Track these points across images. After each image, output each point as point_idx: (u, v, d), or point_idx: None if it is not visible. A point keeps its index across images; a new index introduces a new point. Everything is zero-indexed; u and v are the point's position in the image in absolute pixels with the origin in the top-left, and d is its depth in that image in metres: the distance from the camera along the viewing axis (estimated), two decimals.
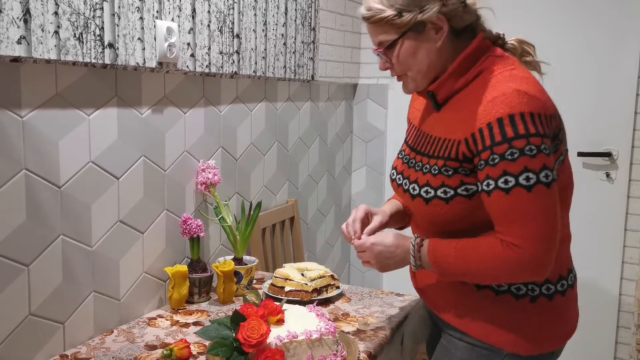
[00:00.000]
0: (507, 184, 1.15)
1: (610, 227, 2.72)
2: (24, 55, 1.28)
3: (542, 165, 1.14)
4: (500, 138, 1.15)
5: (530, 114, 1.15)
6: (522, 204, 1.15)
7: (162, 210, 1.78)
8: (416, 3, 1.23)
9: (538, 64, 1.34)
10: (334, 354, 1.36)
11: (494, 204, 1.18)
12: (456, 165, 1.23)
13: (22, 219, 1.34)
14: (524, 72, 1.24)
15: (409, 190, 1.32)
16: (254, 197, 2.28)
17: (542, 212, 1.16)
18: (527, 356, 1.29)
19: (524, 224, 1.16)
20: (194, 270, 1.81)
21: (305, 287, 1.79)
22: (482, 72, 1.25)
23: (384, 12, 1.24)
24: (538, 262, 1.18)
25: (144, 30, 1.61)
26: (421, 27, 1.24)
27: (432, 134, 1.32)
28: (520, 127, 1.14)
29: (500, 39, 1.34)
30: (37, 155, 1.37)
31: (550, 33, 2.75)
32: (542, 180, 1.14)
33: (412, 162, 1.35)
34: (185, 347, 1.41)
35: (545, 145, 1.15)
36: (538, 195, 1.14)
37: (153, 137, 1.72)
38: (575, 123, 2.73)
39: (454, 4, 1.24)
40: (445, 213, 1.26)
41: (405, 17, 1.23)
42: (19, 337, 1.36)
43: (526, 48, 1.35)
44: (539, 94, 1.19)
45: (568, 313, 1.32)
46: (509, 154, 1.15)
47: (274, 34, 2.26)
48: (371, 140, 3.21)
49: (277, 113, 2.42)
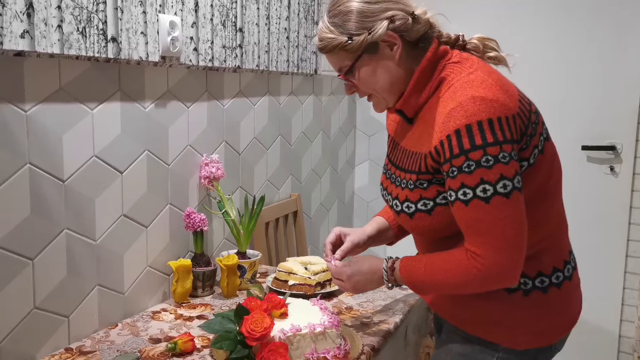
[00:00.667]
0: (465, 196, 1.15)
1: (614, 221, 2.71)
2: (27, 49, 1.28)
3: (499, 175, 1.13)
4: (457, 150, 1.15)
5: (488, 120, 1.13)
6: (481, 215, 1.15)
7: (166, 205, 1.79)
8: (363, 25, 1.23)
9: (503, 58, 1.32)
10: (338, 347, 1.36)
11: (457, 214, 1.19)
12: (429, 177, 1.24)
13: (27, 213, 1.35)
14: (482, 75, 1.20)
15: (393, 206, 1.33)
16: (257, 191, 2.28)
17: (500, 223, 1.15)
18: (524, 350, 1.29)
19: (485, 234, 1.17)
20: (198, 264, 1.81)
21: (308, 280, 1.79)
22: (444, 81, 1.24)
23: (335, 40, 1.25)
24: (501, 271, 1.18)
25: (147, 24, 1.61)
26: (374, 47, 1.24)
27: (406, 147, 1.33)
28: (477, 138, 1.13)
29: (459, 40, 1.32)
30: (41, 149, 1.37)
31: (554, 27, 2.74)
32: (499, 192, 1.13)
33: (393, 177, 1.36)
34: (189, 340, 1.42)
35: (505, 152, 1.14)
36: (496, 206, 1.14)
37: (156, 132, 1.72)
38: (580, 117, 2.73)
39: (402, 18, 1.23)
40: (430, 224, 1.26)
41: (356, 40, 1.23)
42: (24, 331, 1.36)
43: (488, 44, 1.32)
44: (498, 95, 1.16)
45: (566, 305, 1.31)
46: (465, 167, 1.14)
47: (277, 28, 2.26)
48: (374, 135, 3.21)
49: (280, 107, 2.42)
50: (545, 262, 1.27)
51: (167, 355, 1.40)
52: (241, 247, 1.92)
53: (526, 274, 1.25)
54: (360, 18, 1.23)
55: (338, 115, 2.99)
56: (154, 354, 1.41)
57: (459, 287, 1.25)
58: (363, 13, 1.23)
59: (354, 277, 1.41)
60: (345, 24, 1.24)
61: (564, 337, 1.34)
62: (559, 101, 2.75)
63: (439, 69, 1.26)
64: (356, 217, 3.29)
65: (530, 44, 2.76)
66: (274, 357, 1.25)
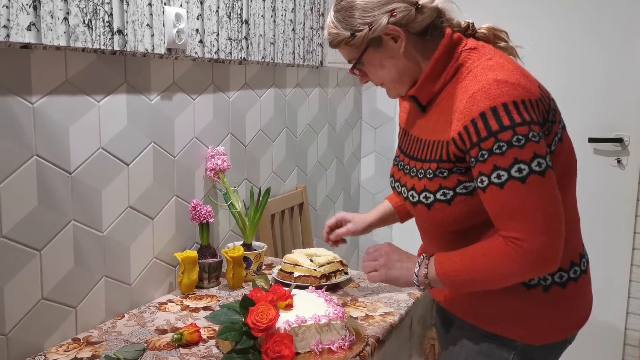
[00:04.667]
0: (500, 179, 1.13)
1: (621, 213, 2.70)
2: (33, 41, 1.28)
3: (533, 154, 1.11)
4: (485, 133, 1.13)
5: (513, 102, 1.12)
6: (519, 197, 1.13)
7: (172, 196, 1.79)
8: (364, 21, 1.23)
9: (513, 49, 1.31)
10: (342, 338, 1.37)
11: (491, 200, 1.16)
12: (450, 166, 1.21)
13: (34, 205, 1.36)
14: (501, 60, 1.20)
15: (409, 198, 1.31)
16: (263, 183, 2.28)
17: (540, 203, 1.13)
18: (541, 345, 1.28)
19: (524, 217, 1.13)
20: (204, 255, 1.82)
21: (314, 272, 1.80)
22: (459, 69, 1.24)
23: (339, 35, 1.27)
24: (545, 255, 1.15)
25: (152, 16, 1.61)
26: (378, 41, 1.25)
27: (421, 137, 1.31)
28: (504, 119, 1.11)
29: (470, 28, 1.31)
30: (47, 141, 1.38)
31: (560, 19, 2.72)
32: (535, 170, 1.11)
33: (407, 168, 1.34)
34: (195, 331, 1.43)
35: (534, 132, 1.12)
36: (533, 185, 1.12)
37: (162, 124, 1.73)
38: (586, 109, 2.72)
39: (404, 11, 1.22)
40: (449, 215, 1.23)
41: (358, 36, 1.24)
42: (32, 321, 1.38)
43: (498, 34, 1.31)
44: (520, 79, 1.16)
45: (581, 300, 1.30)
46: (496, 148, 1.12)
47: (283, 20, 2.26)
48: (380, 127, 3.20)
49: (286, 99, 2.41)
50: (564, 258, 1.23)
51: (173, 345, 1.41)
52: (247, 239, 1.93)
53: None
54: (362, 13, 1.24)
55: (344, 107, 2.99)
56: (160, 345, 1.42)
57: (502, 278, 1.20)
58: (364, 8, 1.23)
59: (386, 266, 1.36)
60: (348, 20, 1.25)
61: (576, 332, 1.33)
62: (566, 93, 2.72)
63: (455, 57, 1.25)
64: (362, 209, 3.29)
65: (536, 35, 2.74)
66: (279, 348, 1.26)
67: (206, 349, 1.41)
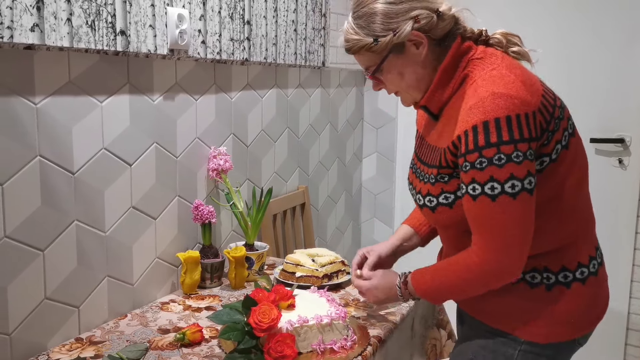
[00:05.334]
0: (474, 191, 1.17)
1: (622, 214, 2.70)
2: (37, 42, 1.29)
3: (509, 175, 1.13)
4: (472, 146, 1.15)
5: (506, 117, 1.13)
6: (486, 213, 1.17)
7: (174, 197, 1.80)
8: (388, 27, 1.23)
9: (526, 53, 1.32)
10: (344, 338, 1.37)
11: (466, 208, 1.21)
12: (449, 172, 1.25)
13: (37, 205, 1.36)
14: (504, 70, 1.20)
15: (417, 200, 1.35)
16: (264, 183, 2.29)
17: (505, 223, 1.16)
18: (546, 344, 1.28)
19: (486, 231, 1.19)
20: (206, 255, 1.83)
21: (316, 272, 1.80)
22: (465, 79, 1.25)
23: (360, 41, 1.26)
24: (498, 269, 1.21)
25: (155, 17, 1.61)
26: (400, 47, 1.25)
27: (430, 142, 1.35)
28: (492, 135, 1.13)
29: (481, 34, 1.32)
30: (51, 141, 1.38)
31: (563, 20, 2.72)
32: (506, 191, 1.14)
33: (419, 172, 1.37)
34: (198, 331, 1.43)
35: (519, 152, 1.13)
36: (501, 205, 1.15)
37: (165, 124, 1.73)
38: (588, 109, 2.72)
39: (427, 17, 1.23)
40: (451, 217, 1.27)
41: (382, 42, 1.24)
42: (35, 321, 1.38)
43: (511, 39, 1.32)
44: (519, 91, 1.16)
45: (590, 301, 1.30)
46: (477, 163, 1.15)
47: (285, 21, 2.26)
48: (382, 127, 3.20)
49: (288, 100, 2.42)
50: (570, 257, 1.27)
51: (175, 345, 1.42)
52: (249, 239, 1.93)
53: (549, 268, 1.26)
54: (385, 19, 1.23)
55: (345, 108, 2.99)
56: (163, 344, 1.43)
57: (463, 287, 1.28)
58: (387, 14, 1.23)
59: (371, 291, 1.46)
60: (370, 26, 1.25)
61: (588, 332, 1.33)
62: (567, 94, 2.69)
63: (462, 66, 1.26)
64: (363, 209, 3.30)
65: (538, 36, 2.74)
66: (281, 347, 1.27)
67: (209, 348, 1.41)
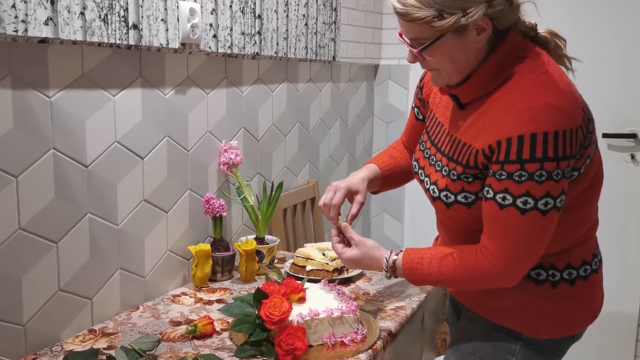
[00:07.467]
0: (504, 201, 1.14)
1: (635, 208, 2.69)
2: (51, 36, 1.30)
3: (546, 192, 1.11)
4: (514, 157, 1.11)
5: (555, 133, 1.09)
6: (512, 223, 1.15)
7: (186, 190, 1.81)
8: (459, 5, 1.12)
9: (569, 59, 1.28)
10: (355, 332, 1.38)
11: (487, 211, 1.19)
12: (475, 172, 1.21)
13: (51, 197, 1.37)
14: (554, 78, 1.16)
15: (430, 191, 1.32)
16: (275, 177, 2.29)
17: (528, 237, 1.16)
18: (546, 340, 1.29)
19: (505, 241, 1.17)
20: (217, 249, 1.84)
21: (326, 266, 1.80)
22: (513, 77, 1.18)
23: (421, 10, 1.13)
24: (506, 276, 1.21)
25: (167, 11, 1.62)
26: (462, 29, 1.15)
27: (454, 134, 1.28)
28: (538, 150, 1.10)
29: (532, 30, 1.25)
30: (64, 135, 1.39)
31: (574, 13, 2.70)
32: (539, 207, 1.12)
33: (433, 159, 1.33)
34: (209, 323, 1.44)
35: (560, 170, 1.11)
36: (530, 220, 1.14)
37: (176, 118, 1.74)
38: (600, 104, 2.68)
39: (500, 4, 1.14)
40: (467, 217, 1.25)
41: (447, 19, 1.13)
42: (49, 312, 1.40)
43: (558, 42, 1.26)
44: (569, 104, 1.13)
45: (590, 298, 1.31)
46: (517, 175, 1.12)
47: (296, 15, 2.26)
48: (392, 122, 3.20)
49: (299, 94, 2.42)
50: (575, 256, 1.27)
51: (187, 337, 1.43)
52: (259, 233, 1.94)
53: (555, 265, 1.26)
54: None
55: (356, 102, 2.99)
56: (175, 336, 1.44)
57: (459, 282, 1.28)
58: None
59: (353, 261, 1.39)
60: None
61: (584, 329, 1.34)
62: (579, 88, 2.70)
63: (508, 62, 1.20)
64: (373, 204, 3.30)
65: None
66: (292, 340, 1.27)
67: (220, 340, 1.42)
